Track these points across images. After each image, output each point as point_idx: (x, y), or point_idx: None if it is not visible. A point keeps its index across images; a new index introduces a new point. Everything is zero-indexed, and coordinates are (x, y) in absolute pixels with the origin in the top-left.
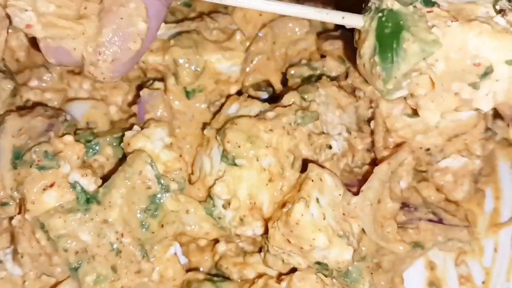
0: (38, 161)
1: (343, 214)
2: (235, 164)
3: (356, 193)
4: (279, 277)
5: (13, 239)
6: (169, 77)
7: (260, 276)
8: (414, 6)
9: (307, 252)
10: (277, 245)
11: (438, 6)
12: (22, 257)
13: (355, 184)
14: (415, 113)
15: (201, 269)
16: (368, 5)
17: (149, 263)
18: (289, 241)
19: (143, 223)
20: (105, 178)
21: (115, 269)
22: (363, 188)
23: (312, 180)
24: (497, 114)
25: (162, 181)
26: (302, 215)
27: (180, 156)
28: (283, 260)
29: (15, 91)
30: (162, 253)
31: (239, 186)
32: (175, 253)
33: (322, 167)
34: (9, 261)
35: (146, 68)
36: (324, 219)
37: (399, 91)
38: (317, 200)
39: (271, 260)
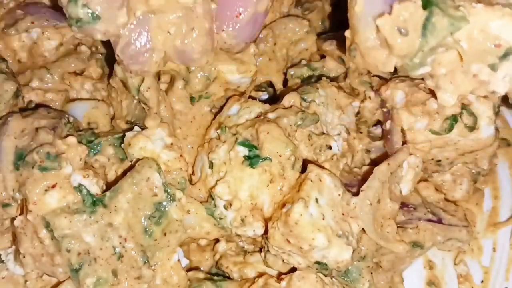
0: (40, 162)
1: (343, 214)
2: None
3: (355, 194)
4: (279, 277)
5: (14, 239)
6: (178, 80)
7: (260, 275)
8: None
9: (307, 252)
10: (277, 245)
11: None
12: (24, 257)
13: (354, 184)
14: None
15: (202, 268)
16: None
17: (150, 270)
18: (288, 241)
19: (147, 229)
20: (107, 179)
21: (116, 273)
22: (363, 188)
23: (312, 181)
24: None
25: (168, 190)
26: (301, 215)
27: (181, 156)
28: (283, 260)
29: (17, 92)
30: (165, 260)
31: (241, 187)
32: (178, 260)
33: (322, 167)
34: (10, 261)
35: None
36: (323, 219)
37: (423, 68)
38: (316, 200)
39: (271, 260)
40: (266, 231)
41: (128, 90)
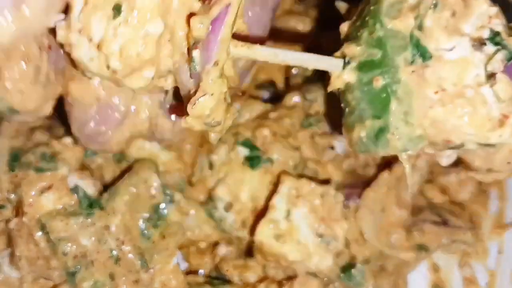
0: (36, 163)
1: (324, 219)
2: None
3: (359, 195)
4: (280, 282)
5: (9, 242)
6: None
7: (261, 279)
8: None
9: (289, 265)
10: (260, 262)
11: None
12: (19, 260)
13: (358, 185)
14: None
15: (201, 271)
16: None
17: (148, 273)
18: (267, 259)
19: (145, 232)
20: (104, 180)
21: (113, 276)
22: (363, 195)
23: (282, 194)
24: None
25: (167, 191)
26: (266, 235)
27: (180, 156)
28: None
29: None
30: (164, 264)
31: (241, 188)
32: (177, 263)
33: (301, 176)
34: (6, 264)
35: None
36: (296, 231)
37: None
38: (288, 213)
39: (271, 271)
40: None
41: None
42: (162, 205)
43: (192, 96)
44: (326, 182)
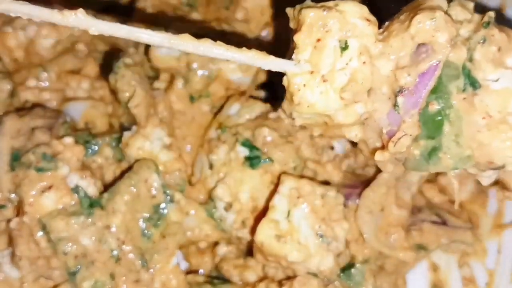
0: (36, 162)
1: (324, 219)
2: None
3: (359, 195)
4: (280, 282)
5: (10, 241)
6: (178, 79)
7: (261, 279)
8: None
9: (290, 265)
10: (261, 261)
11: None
12: (20, 259)
13: (358, 185)
14: None
15: (201, 271)
16: None
17: (148, 273)
18: (267, 259)
19: (145, 232)
20: (104, 180)
21: (114, 276)
22: (362, 195)
23: (282, 195)
24: None
25: (167, 191)
26: (267, 235)
27: (180, 156)
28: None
29: (13, 92)
30: (164, 263)
31: (241, 188)
32: (177, 263)
33: (301, 176)
34: (6, 264)
35: (159, 68)
36: (296, 232)
37: None
38: (288, 213)
39: (271, 271)
40: None
41: (117, 101)
42: (163, 205)
43: (386, 134)
44: (325, 182)
